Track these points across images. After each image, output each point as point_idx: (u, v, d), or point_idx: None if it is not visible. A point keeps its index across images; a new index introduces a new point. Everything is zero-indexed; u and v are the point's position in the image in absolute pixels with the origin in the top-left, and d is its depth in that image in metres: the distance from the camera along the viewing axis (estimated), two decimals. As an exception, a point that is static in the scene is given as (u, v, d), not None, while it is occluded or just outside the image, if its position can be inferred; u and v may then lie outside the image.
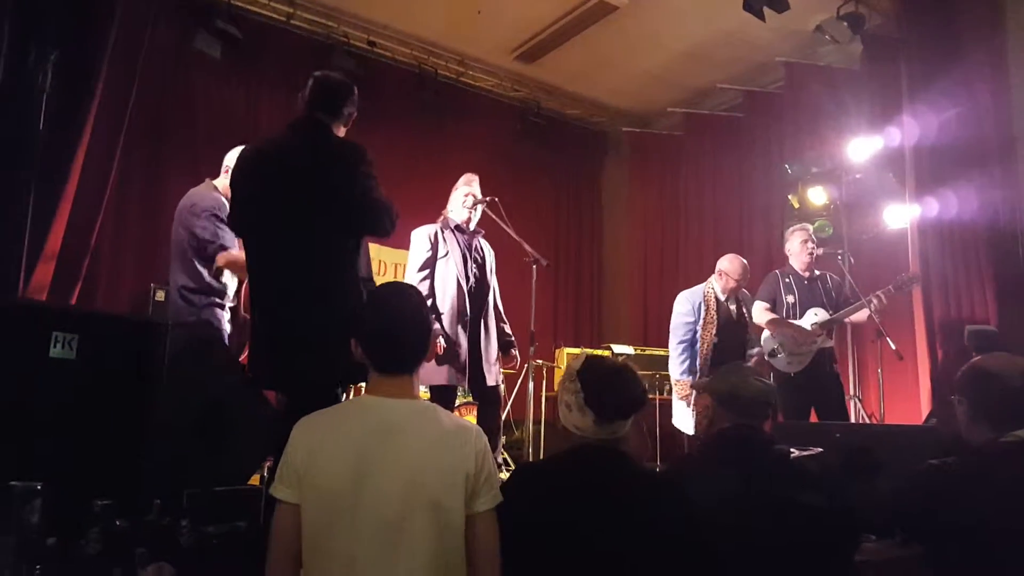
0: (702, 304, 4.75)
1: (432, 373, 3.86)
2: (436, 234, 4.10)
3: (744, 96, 7.45)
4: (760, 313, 4.89)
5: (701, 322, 4.73)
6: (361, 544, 1.59)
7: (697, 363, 4.70)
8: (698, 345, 4.70)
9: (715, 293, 4.77)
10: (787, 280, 4.98)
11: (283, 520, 1.66)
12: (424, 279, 3.99)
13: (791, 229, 5.18)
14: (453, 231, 4.12)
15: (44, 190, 4.56)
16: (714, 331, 4.71)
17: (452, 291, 3.98)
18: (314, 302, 2.47)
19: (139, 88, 5.50)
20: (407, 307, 1.82)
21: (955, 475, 2.02)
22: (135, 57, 5.46)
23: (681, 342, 4.75)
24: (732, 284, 4.71)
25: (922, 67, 5.79)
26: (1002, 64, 5.38)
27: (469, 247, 4.14)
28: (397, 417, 1.71)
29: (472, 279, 4.05)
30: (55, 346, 2.04)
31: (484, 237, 4.28)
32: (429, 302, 3.90)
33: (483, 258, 4.20)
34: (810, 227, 5.24)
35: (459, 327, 3.94)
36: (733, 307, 4.78)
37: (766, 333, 4.89)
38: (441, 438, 1.70)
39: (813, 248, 4.98)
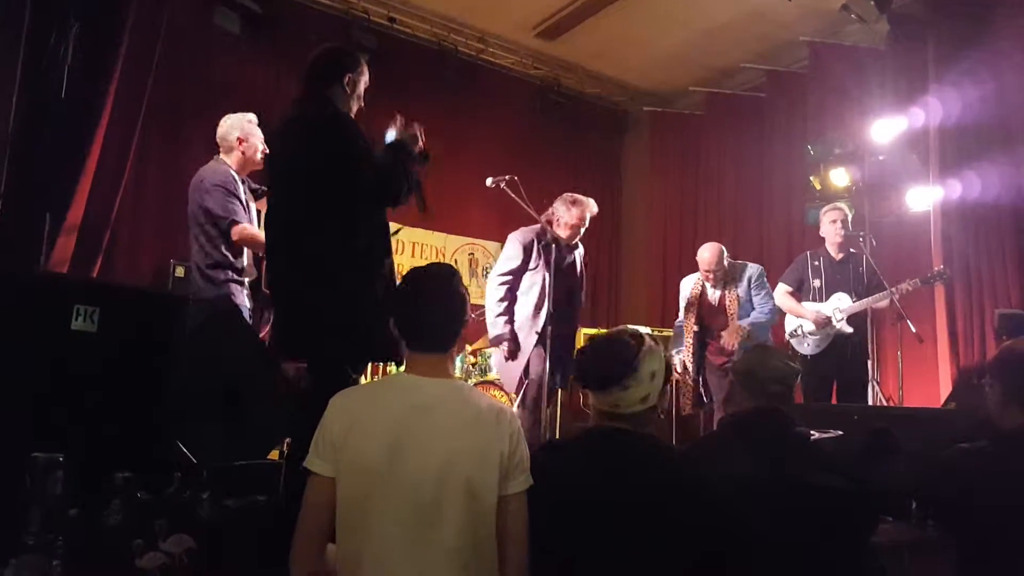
0: (691, 290, 4.78)
1: (505, 377, 4.13)
2: (532, 245, 4.16)
3: (767, 76, 7.34)
4: (778, 296, 4.89)
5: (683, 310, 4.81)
6: (394, 521, 1.60)
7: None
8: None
9: (701, 280, 4.77)
10: (816, 263, 4.91)
11: (316, 493, 1.67)
12: (504, 283, 4.14)
13: (824, 209, 5.07)
14: (550, 245, 4.14)
15: (65, 164, 4.59)
16: (694, 320, 4.73)
17: (532, 302, 4.11)
18: (311, 275, 2.50)
19: (159, 63, 5.51)
20: (441, 287, 1.81)
21: (987, 459, 2.00)
22: (155, 32, 5.47)
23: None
24: (711, 276, 4.67)
25: (950, 47, 5.68)
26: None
27: (562, 261, 4.20)
28: (433, 396, 1.71)
29: (561, 295, 4.14)
30: (76, 319, 2.06)
31: (506, 216, 4.35)
32: (503, 306, 4.11)
33: (575, 270, 4.31)
34: (844, 206, 5.09)
35: (532, 336, 4.09)
36: (717, 294, 4.74)
37: (788, 315, 4.89)
38: (476, 418, 1.70)
39: (841, 229, 4.86)
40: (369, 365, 4.55)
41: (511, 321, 4.10)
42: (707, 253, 4.65)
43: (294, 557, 1.66)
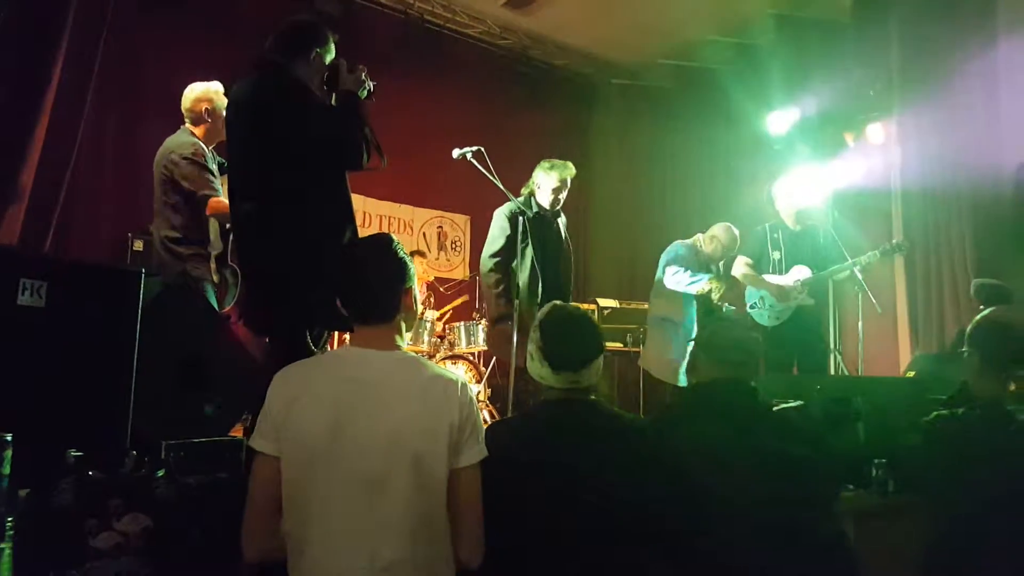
0: (694, 257, 4.78)
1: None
2: (516, 219, 4.05)
3: (734, 49, 7.33)
4: (738, 267, 4.92)
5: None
6: (339, 496, 1.58)
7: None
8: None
9: (703, 251, 4.80)
10: (775, 236, 4.93)
11: (261, 471, 1.65)
12: (496, 261, 4.04)
13: (777, 183, 5.12)
14: (535, 215, 4.12)
15: (11, 131, 4.42)
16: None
17: (526, 275, 4.02)
18: (271, 246, 2.50)
19: (110, 29, 5.31)
20: (375, 256, 1.79)
21: (966, 425, 2.03)
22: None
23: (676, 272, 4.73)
24: (719, 252, 4.76)
25: (913, 20, 5.73)
26: (991, 14, 5.32)
27: (548, 232, 4.19)
28: (377, 369, 1.69)
29: (550, 264, 4.14)
30: (23, 294, 1.98)
31: (477, 182, 4.26)
32: (501, 286, 4.00)
33: (560, 236, 4.31)
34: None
35: (534, 308, 3.94)
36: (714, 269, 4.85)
37: (749, 287, 4.92)
38: (423, 390, 1.68)
39: (798, 202, 4.90)
40: (336, 338, 4.51)
41: (510, 300, 3.94)
42: (731, 233, 4.77)
43: (245, 537, 1.65)
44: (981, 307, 4.27)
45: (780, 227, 4.96)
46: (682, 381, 4.65)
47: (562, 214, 4.37)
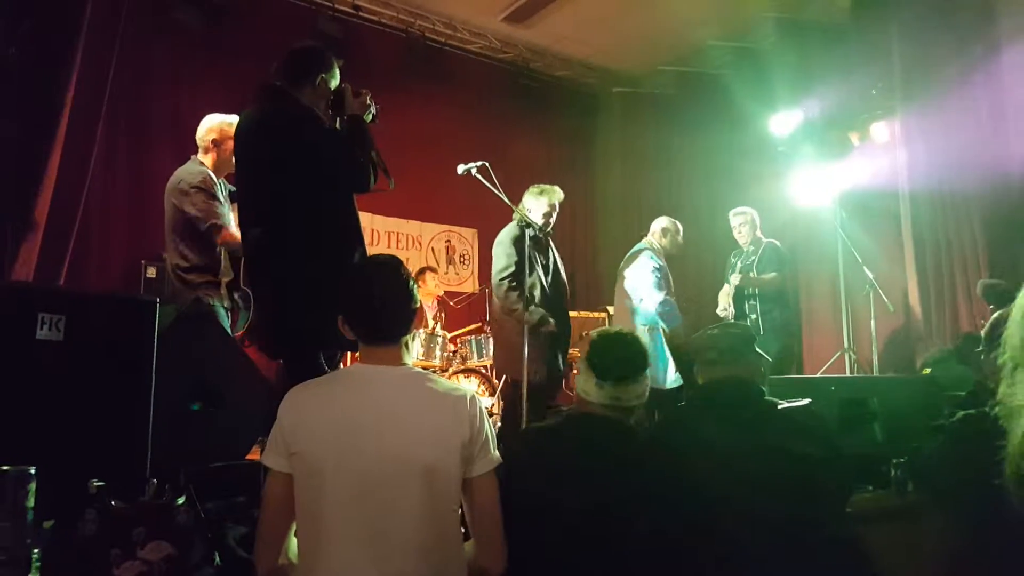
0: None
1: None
2: (521, 240, 4.12)
3: (735, 53, 7.34)
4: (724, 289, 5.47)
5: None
6: (350, 510, 1.60)
7: None
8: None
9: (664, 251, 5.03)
10: (733, 259, 5.49)
11: (272, 487, 1.68)
12: (511, 279, 4.09)
13: (732, 212, 5.50)
14: (534, 239, 4.18)
15: (26, 166, 4.47)
16: None
17: (537, 291, 4.13)
18: (282, 271, 2.54)
19: (119, 60, 5.38)
20: (383, 278, 1.81)
21: (992, 425, 1.98)
22: (114, 25, 5.33)
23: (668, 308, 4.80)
24: (676, 244, 5.05)
25: (913, 23, 5.72)
26: (992, 14, 5.31)
27: (544, 252, 4.27)
28: (387, 385, 1.71)
29: (551, 283, 4.24)
30: (41, 328, 2.02)
31: (481, 201, 4.36)
32: (521, 294, 4.02)
33: (556, 261, 4.38)
34: (748, 210, 5.49)
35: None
36: None
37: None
38: (432, 404, 1.70)
39: (748, 232, 5.37)
40: (349, 357, 4.55)
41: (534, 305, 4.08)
42: (676, 224, 5.08)
43: (257, 552, 1.68)
44: (991, 307, 4.27)
45: (740, 251, 5.47)
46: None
47: (551, 241, 4.47)
